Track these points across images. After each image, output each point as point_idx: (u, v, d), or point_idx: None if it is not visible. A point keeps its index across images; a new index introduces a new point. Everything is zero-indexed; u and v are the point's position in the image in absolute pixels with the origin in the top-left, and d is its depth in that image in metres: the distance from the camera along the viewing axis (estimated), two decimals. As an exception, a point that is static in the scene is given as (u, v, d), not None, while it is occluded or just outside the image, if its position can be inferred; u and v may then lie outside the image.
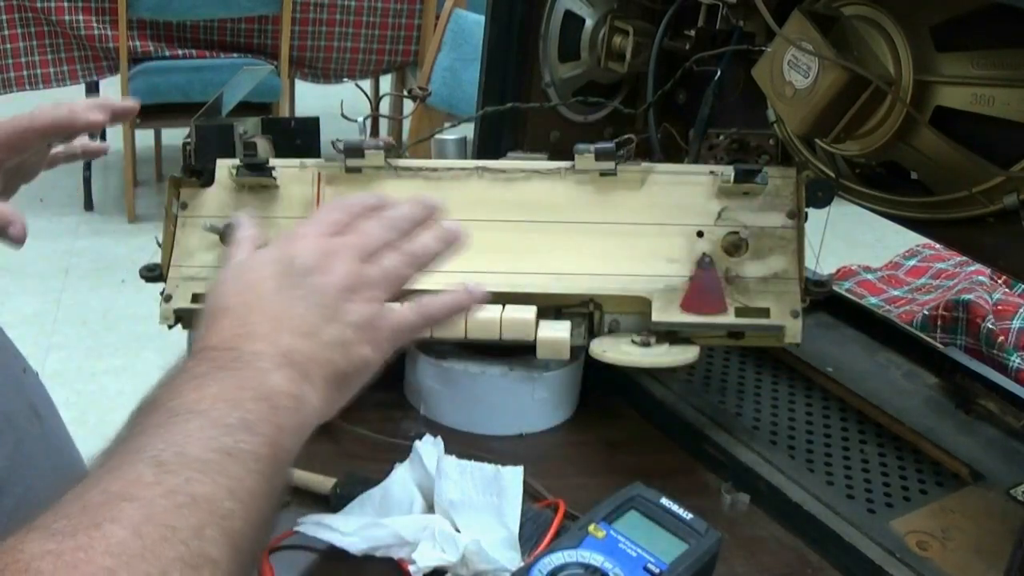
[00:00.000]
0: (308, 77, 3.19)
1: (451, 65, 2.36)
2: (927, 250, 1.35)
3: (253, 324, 0.54)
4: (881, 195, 0.82)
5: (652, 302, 0.76)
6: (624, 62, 0.94)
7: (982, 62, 0.70)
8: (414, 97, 1.15)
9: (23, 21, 2.78)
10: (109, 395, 2.25)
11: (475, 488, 0.68)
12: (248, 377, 0.50)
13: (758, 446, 0.78)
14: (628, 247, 0.78)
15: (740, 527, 0.72)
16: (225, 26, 3.00)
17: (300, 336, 0.54)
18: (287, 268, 0.57)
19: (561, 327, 0.76)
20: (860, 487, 0.75)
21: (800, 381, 0.91)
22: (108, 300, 2.65)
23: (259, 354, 0.52)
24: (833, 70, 0.72)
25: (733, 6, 0.83)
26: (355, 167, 0.81)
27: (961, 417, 0.85)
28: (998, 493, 0.76)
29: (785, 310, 0.75)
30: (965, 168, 0.73)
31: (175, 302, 0.79)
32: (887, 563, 0.66)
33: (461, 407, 0.81)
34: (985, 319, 1.03)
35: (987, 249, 0.76)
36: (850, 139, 0.78)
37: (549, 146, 0.99)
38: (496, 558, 0.63)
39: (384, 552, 0.65)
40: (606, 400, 0.87)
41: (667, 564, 0.58)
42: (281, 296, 0.55)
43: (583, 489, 0.73)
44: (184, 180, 0.82)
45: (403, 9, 3.10)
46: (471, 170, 0.82)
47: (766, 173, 0.77)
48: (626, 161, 0.80)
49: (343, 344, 0.55)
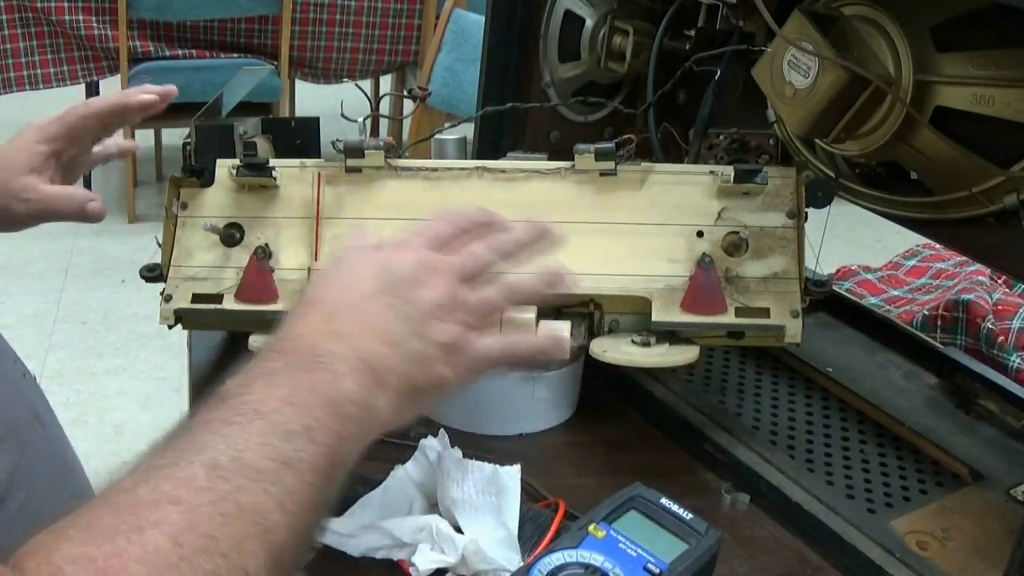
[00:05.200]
0: (308, 77, 3.19)
1: (451, 65, 2.36)
2: (927, 250, 1.35)
3: (340, 323, 0.54)
4: (881, 195, 0.82)
5: (652, 302, 0.76)
6: (624, 62, 0.94)
7: (982, 62, 0.70)
8: (414, 97, 1.16)
9: (23, 21, 2.78)
10: (109, 395, 2.25)
11: (475, 488, 0.68)
12: (320, 380, 0.50)
13: (758, 446, 0.78)
14: (628, 247, 0.78)
15: (740, 527, 0.72)
16: (225, 26, 3.00)
17: (383, 343, 0.54)
18: (386, 275, 0.57)
19: (561, 327, 0.76)
20: (860, 487, 0.75)
21: (800, 381, 0.91)
22: (108, 300, 2.65)
23: (337, 355, 0.52)
24: (833, 70, 0.72)
25: (733, 6, 0.83)
26: (355, 167, 0.81)
27: (961, 417, 0.85)
28: (998, 493, 0.76)
29: (785, 310, 0.75)
30: (965, 168, 0.73)
31: (175, 302, 0.79)
32: (887, 563, 0.66)
33: (461, 407, 0.81)
34: (985, 319, 1.03)
35: (987, 249, 0.76)
36: (850, 139, 0.78)
37: (549, 146, 0.99)
38: (495, 558, 0.63)
39: (384, 554, 0.65)
40: (606, 400, 0.87)
41: (667, 564, 0.58)
42: (374, 301, 0.55)
43: (583, 489, 0.73)
44: (184, 180, 0.82)
45: (403, 9, 3.10)
46: (471, 170, 0.82)
47: (766, 173, 0.77)
48: (626, 161, 0.80)
49: (424, 359, 0.55)
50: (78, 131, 0.79)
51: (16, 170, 0.76)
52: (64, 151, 0.78)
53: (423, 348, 0.55)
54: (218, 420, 0.46)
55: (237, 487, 0.43)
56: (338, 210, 0.81)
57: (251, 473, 0.44)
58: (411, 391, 0.55)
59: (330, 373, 0.51)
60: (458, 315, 0.57)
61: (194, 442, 0.45)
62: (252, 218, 0.81)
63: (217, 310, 0.78)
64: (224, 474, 0.43)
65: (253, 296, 0.78)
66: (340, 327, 0.54)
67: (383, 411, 0.53)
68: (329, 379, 0.50)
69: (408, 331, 0.55)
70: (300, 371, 0.50)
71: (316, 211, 0.81)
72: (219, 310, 0.78)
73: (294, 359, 0.51)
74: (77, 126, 0.78)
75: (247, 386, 0.49)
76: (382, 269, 0.57)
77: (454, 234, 0.61)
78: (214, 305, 0.78)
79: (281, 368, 0.50)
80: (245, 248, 0.80)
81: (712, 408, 0.83)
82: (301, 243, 0.80)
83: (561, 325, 0.76)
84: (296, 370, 0.50)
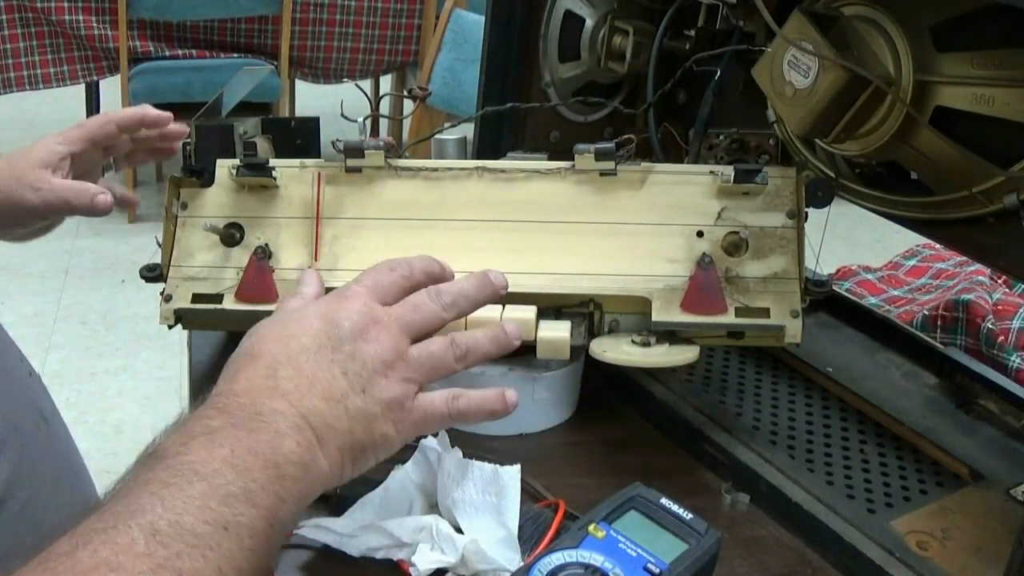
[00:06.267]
0: (308, 77, 3.20)
1: (451, 65, 2.36)
2: (927, 250, 1.35)
3: (281, 379, 0.53)
4: (881, 195, 0.82)
5: (652, 302, 0.76)
6: (624, 62, 0.94)
7: (982, 62, 0.70)
8: (414, 97, 1.16)
9: (23, 21, 2.78)
10: (109, 395, 2.25)
11: (475, 488, 0.68)
12: (261, 440, 0.50)
13: (758, 446, 0.78)
14: (628, 247, 0.78)
15: (740, 527, 0.72)
16: (225, 26, 3.00)
17: (325, 400, 0.53)
18: (331, 329, 0.56)
19: (561, 327, 0.76)
20: (860, 487, 0.75)
21: (800, 381, 0.91)
22: (108, 300, 2.66)
23: (279, 413, 0.51)
24: (833, 70, 0.72)
25: (733, 6, 0.83)
26: (355, 167, 0.81)
27: (961, 417, 0.85)
28: (998, 493, 0.76)
29: (785, 310, 0.75)
30: (965, 168, 0.73)
31: (175, 302, 0.79)
32: (887, 563, 0.66)
33: (461, 407, 0.81)
34: (985, 319, 1.03)
35: (987, 249, 0.76)
36: (850, 139, 0.78)
37: (549, 146, 0.99)
38: (495, 558, 0.63)
39: (384, 554, 0.65)
40: (606, 400, 0.87)
41: (667, 564, 0.58)
42: (317, 356, 0.55)
43: (583, 489, 0.73)
44: (184, 180, 0.82)
45: (403, 9, 3.10)
46: (471, 170, 0.82)
47: (766, 173, 0.77)
48: (626, 161, 0.80)
49: (367, 417, 0.55)
50: (96, 136, 0.82)
51: (32, 163, 0.79)
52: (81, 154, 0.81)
53: (365, 405, 0.55)
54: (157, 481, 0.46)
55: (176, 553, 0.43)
56: (338, 210, 0.81)
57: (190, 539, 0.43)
58: (353, 449, 0.54)
59: (271, 433, 0.50)
60: (403, 373, 0.56)
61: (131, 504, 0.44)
62: (252, 218, 0.81)
63: (217, 310, 0.78)
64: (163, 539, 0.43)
65: (253, 296, 0.78)
66: (282, 383, 0.53)
67: (324, 469, 0.52)
68: (270, 439, 0.50)
69: (351, 388, 0.54)
70: (240, 431, 0.49)
71: (316, 211, 0.81)
72: (219, 310, 0.78)
73: (234, 417, 0.50)
74: (96, 131, 0.82)
75: (186, 444, 0.48)
76: (326, 322, 0.56)
77: (404, 285, 0.60)
78: (214, 305, 0.78)
79: (220, 427, 0.49)
80: (245, 248, 0.80)
81: (712, 408, 0.83)
82: (301, 243, 0.80)
83: (561, 325, 0.77)
84: (236, 429, 0.49)
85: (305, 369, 0.54)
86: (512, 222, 0.80)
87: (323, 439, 0.52)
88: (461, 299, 0.61)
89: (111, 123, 0.82)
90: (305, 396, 0.53)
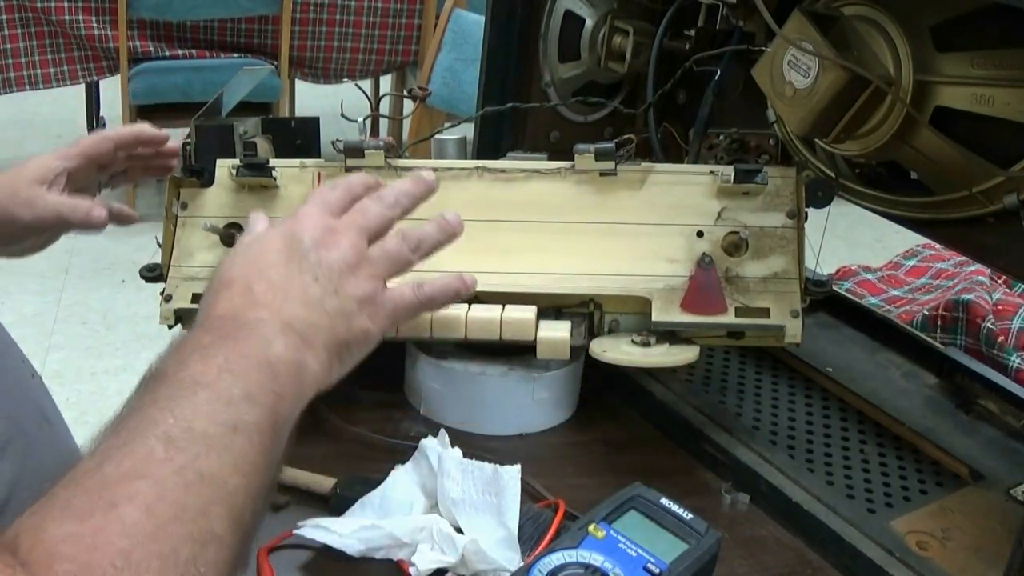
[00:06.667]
0: (308, 77, 3.19)
1: (451, 65, 2.36)
2: (927, 250, 1.35)
3: (257, 294, 0.56)
4: (881, 195, 0.82)
5: (652, 302, 0.76)
6: (624, 62, 0.94)
7: (982, 62, 0.70)
8: (414, 97, 1.16)
9: (23, 21, 2.78)
10: (109, 395, 2.25)
11: (475, 488, 0.68)
12: (251, 345, 0.52)
13: (758, 446, 0.78)
14: (628, 247, 0.78)
15: (740, 527, 0.72)
16: (225, 26, 3.00)
17: (303, 305, 0.56)
18: (293, 243, 0.59)
19: (561, 327, 0.76)
20: (860, 487, 0.75)
21: (800, 381, 0.91)
22: (108, 300, 2.65)
23: (262, 321, 0.54)
24: (833, 70, 0.72)
25: (733, 6, 0.83)
26: (355, 167, 0.81)
27: (961, 417, 0.85)
28: (998, 493, 0.76)
29: (785, 310, 0.75)
30: (965, 168, 0.73)
31: (175, 302, 0.79)
32: (887, 563, 0.66)
33: (461, 407, 0.81)
34: (985, 319, 1.03)
35: (987, 249, 0.76)
36: (850, 139, 0.78)
37: (549, 146, 0.99)
38: (495, 558, 0.63)
39: (384, 554, 0.65)
40: (606, 400, 0.87)
41: (667, 564, 0.58)
42: (286, 268, 0.58)
43: (583, 489, 0.73)
44: (184, 180, 0.82)
45: (403, 9, 3.10)
46: (471, 170, 0.82)
47: (766, 173, 0.77)
48: (626, 161, 0.80)
49: (345, 315, 0.58)
50: (92, 153, 0.83)
51: (28, 179, 0.80)
52: (77, 170, 0.82)
53: (341, 304, 0.58)
54: (163, 396, 0.48)
55: (194, 455, 0.45)
56: (338, 210, 0.81)
57: (204, 441, 0.46)
58: (338, 346, 0.57)
59: (259, 338, 0.53)
60: (368, 270, 0.60)
61: (144, 420, 0.46)
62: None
63: (217, 310, 0.78)
64: (180, 445, 0.45)
65: (253, 296, 0.78)
66: (260, 297, 0.56)
67: (315, 369, 0.55)
68: (259, 343, 0.53)
69: (324, 291, 0.57)
70: (229, 340, 0.52)
71: (316, 211, 0.81)
72: (219, 310, 0.78)
73: (222, 332, 0.53)
74: (92, 148, 0.83)
75: (182, 362, 0.50)
76: (287, 239, 0.59)
77: (348, 199, 0.63)
78: (214, 305, 0.78)
79: (211, 342, 0.52)
80: (245, 248, 0.80)
81: (712, 408, 0.83)
82: (301, 243, 0.80)
83: (561, 325, 0.77)
84: (226, 340, 0.52)
85: (278, 282, 0.57)
86: (512, 222, 0.80)
87: (308, 340, 0.55)
88: (402, 197, 0.64)
89: (107, 140, 0.83)
90: (283, 305, 0.56)
